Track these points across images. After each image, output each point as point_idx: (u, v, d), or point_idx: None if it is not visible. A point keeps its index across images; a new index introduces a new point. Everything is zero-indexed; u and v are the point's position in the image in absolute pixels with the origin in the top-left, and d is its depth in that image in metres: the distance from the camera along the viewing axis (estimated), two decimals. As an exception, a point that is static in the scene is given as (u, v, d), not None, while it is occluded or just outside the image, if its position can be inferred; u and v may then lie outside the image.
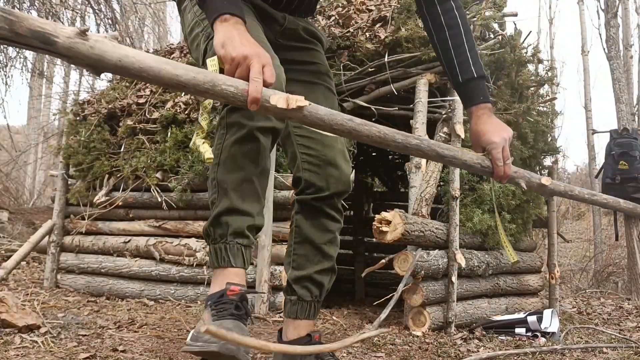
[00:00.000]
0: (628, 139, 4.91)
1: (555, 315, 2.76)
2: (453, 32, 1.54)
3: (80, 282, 3.72)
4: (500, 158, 1.40)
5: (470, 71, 1.52)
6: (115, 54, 0.97)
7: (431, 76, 2.93)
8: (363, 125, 1.17)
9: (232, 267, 1.30)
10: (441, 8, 1.55)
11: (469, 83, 1.52)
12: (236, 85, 1.07)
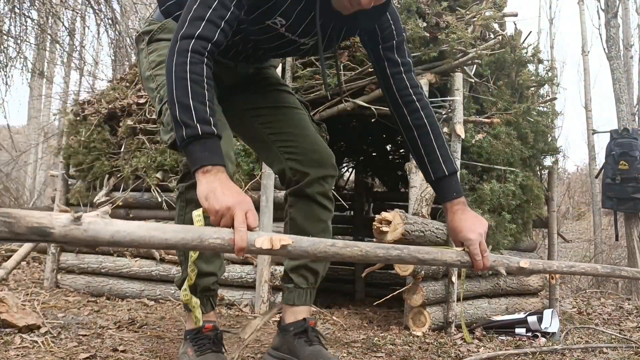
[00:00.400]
0: (628, 139, 4.91)
1: (555, 315, 2.76)
2: (421, 132, 1.61)
3: (81, 282, 3.72)
4: (478, 253, 1.47)
5: (442, 169, 1.60)
6: (108, 232, 1.04)
7: (431, 76, 2.93)
8: (345, 247, 1.28)
9: (204, 313, 1.58)
10: (407, 109, 1.62)
11: (441, 181, 1.61)
12: (222, 236, 1.15)
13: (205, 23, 1.32)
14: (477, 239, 1.49)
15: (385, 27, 1.60)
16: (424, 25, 2.95)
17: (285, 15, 1.48)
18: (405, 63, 1.64)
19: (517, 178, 3.09)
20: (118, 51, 7.30)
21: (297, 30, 1.54)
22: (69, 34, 7.32)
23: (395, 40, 1.62)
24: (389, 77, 1.63)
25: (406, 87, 1.63)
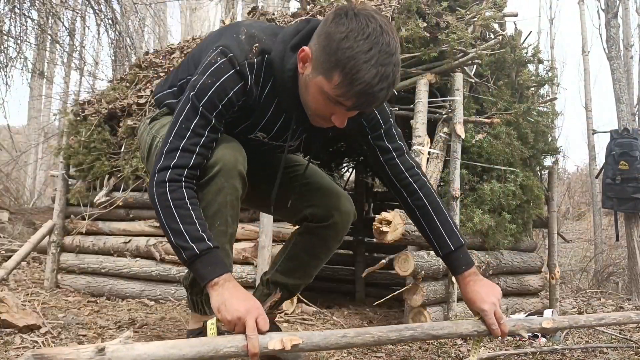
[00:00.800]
0: (628, 139, 4.91)
1: (555, 315, 2.76)
2: (422, 212, 1.67)
3: (81, 282, 3.71)
4: (494, 322, 1.52)
5: (448, 245, 1.64)
6: (130, 357, 1.11)
7: (431, 76, 2.93)
8: (357, 336, 1.35)
9: (207, 314, 1.64)
10: (406, 192, 1.68)
11: (450, 256, 1.65)
12: (236, 344, 1.24)
13: (180, 153, 1.42)
14: (492, 309, 1.53)
15: (371, 118, 1.63)
16: (424, 25, 2.95)
17: (265, 130, 1.60)
18: (396, 148, 1.68)
19: (517, 178, 3.09)
20: (118, 51, 7.29)
21: (280, 138, 1.66)
22: (69, 34, 7.32)
23: (382, 128, 1.66)
24: (383, 164, 1.69)
25: (401, 171, 1.67)
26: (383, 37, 1.31)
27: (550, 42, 13.30)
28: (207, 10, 19.08)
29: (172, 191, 1.40)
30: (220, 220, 1.51)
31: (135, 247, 3.51)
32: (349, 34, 1.30)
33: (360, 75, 1.29)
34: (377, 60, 1.29)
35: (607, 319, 1.54)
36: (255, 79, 1.50)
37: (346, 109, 1.39)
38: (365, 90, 1.31)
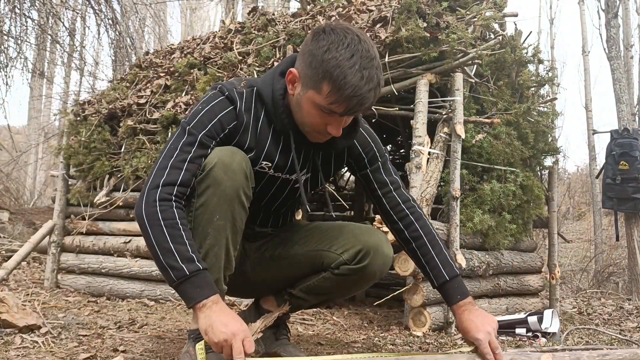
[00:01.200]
0: (628, 139, 4.91)
1: (555, 315, 2.76)
2: (418, 244, 1.71)
3: (81, 282, 3.72)
4: (489, 352, 1.51)
5: (443, 275, 1.66)
6: None
7: (432, 76, 2.93)
8: None
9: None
10: (402, 224, 1.73)
11: (445, 285, 1.67)
12: None
13: (169, 170, 1.46)
14: (486, 338, 1.53)
15: (368, 150, 1.73)
16: (424, 26, 2.95)
17: (268, 158, 1.62)
18: (393, 181, 1.75)
19: (517, 178, 3.09)
20: (118, 51, 7.30)
21: (284, 168, 1.65)
22: (69, 34, 7.32)
23: (379, 161, 1.75)
24: (381, 198, 1.75)
25: (398, 204, 1.73)
26: (361, 44, 1.41)
27: (550, 42, 13.32)
28: (207, 10, 19.09)
29: (163, 211, 1.43)
30: (220, 214, 1.49)
31: (135, 247, 3.51)
32: (330, 46, 1.40)
33: (347, 80, 1.38)
34: (360, 64, 1.39)
35: (611, 355, 1.48)
36: (246, 105, 1.57)
37: (339, 115, 1.46)
38: (354, 94, 1.39)
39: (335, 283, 1.73)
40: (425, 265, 1.70)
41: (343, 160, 1.76)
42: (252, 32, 3.74)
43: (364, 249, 1.66)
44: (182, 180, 1.46)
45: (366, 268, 1.67)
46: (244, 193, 1.52)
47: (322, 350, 2.10)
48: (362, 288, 1.85)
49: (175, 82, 3.74)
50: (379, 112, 3.08)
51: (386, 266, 1.73)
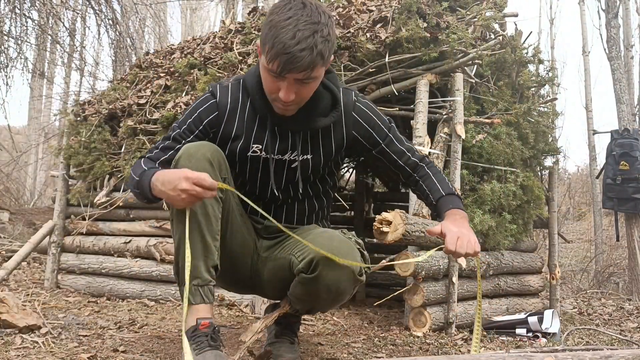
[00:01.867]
0: (629, 140, 4.91)
1: (556, 315, 2.76)
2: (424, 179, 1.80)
3: (81, 282, 3.72)
4: (453, 244, 1.53)
5: (439, 192, 1.73)
6: None
7: (432, 77, 2.93)
8: None
9: (191, 303, 1.55)
10: (418, 174, 1.81)
11: (440, 200, 1.72)
12: None
13: (147, 153, 1.74)
14: (457, 234, 1.55)
15: (373, 124, 1.76)
16: (425, 26, 2.95)
17: (258, 141, 1.71)
18: (409, 149, 1.81)
19: (517, 178, 3.09)
20: (118, 51, 7.30)
21: (274, 148, 1.70)
22: (70, 35, 7.32)
23: (389, 133, 1.78)
24: (402, 166, 1.80)
25: (416, 164, 1.80)
26: (304, 10, 1.48)
27: (550, 42, 13.30)
28: (207, 11, 19.09)
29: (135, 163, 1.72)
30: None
31: (135, 248, 3.51)
32: (274, 10, 1.51)
33: (278, 39, 1.45)
34: (294, 25, 1.45)
35: (614, 356, 1.46)
36: (231, 96, 1.71)
37: (276, 75, 1.50)
38: (283, 51, 1.44)
39: (302, 291, 1.65)
40: (426, 190, 1.76)
41: (343, 138, 1.75)
42: (252, 32, 3.74)
43: (315, 258, 1.55)
44: (151, 156, 1.71)
45: (318, 279, 1.56)
46: None
47: (322, 350, 2.10)
48: (327, 301, 1.67)
49: (175, 83, 3.74)
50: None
51: (342, 281, 1.57)
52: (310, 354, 2.00)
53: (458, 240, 1.54)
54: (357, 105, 1.75)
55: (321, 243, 1.55)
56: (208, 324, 1.54)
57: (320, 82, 1.64)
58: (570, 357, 1.37)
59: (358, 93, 1.79)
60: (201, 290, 1.55)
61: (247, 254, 1.79)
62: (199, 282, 1.55)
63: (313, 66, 1.48)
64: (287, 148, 1.71)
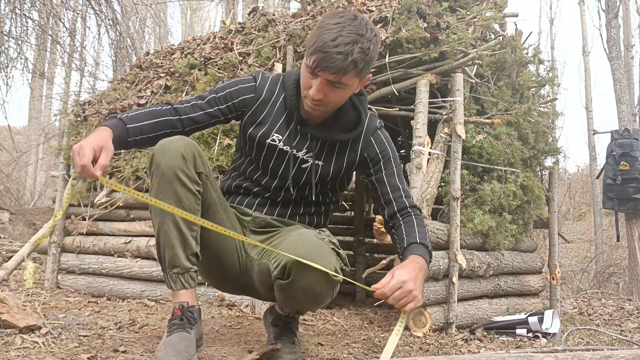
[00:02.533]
0: (629, 140, 4.91)
1: (556, 316, 2.76)
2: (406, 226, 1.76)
3: (81, 282, 3.72)
4: (389, 289, 1.51)
5: (415, 239, 1.71)
6: None
7: (432, 77, 2.93)
8: None
9: (172, 289, 1.69)
10: (403, 220, 1.78)
11: (409, 246, 1.70)
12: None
13: (177, 103, 1.79)
14: (398, 284, 1.50)
15: (385, 153, 1.82)
16: (425, 26, 2.95)
17: (280, 132, 1.78)
18: (405, 190, 1.82)
19: (517, 178, 3.09)
20: (119, 52, 7.30)
21: (293, 142, 1.77)
22: (70, 35, 7.33)
23: (394, 167, 1.82)
24: (391, 201, 1.79)
25: (405, 207, 1.79)
26: (354, 21, 1.54)
27: (550, 42, 13.31)
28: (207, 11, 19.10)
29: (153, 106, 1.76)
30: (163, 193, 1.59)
31: (135, 248, 3.51)
32: (327, 14, 1.59)
33: (320, 37, 1.52)
34: (339, 30, 1.52)
35: (614, 357, 1.44)
36: (268, 86, 1.81)
37: (310, 71, 1.57)
38: (321, 49, 1.52)
39: (283, 296, 1.65)
40: (404, 236, 1.73)
41: (356, 158, 1.81)
42: (252, 33, 3.74)
43: (288, 264, 1.52)
44: (177, 108, 1.75)
45: (293, 284, 1.54)
46: (185, 174, 1.60)
47: (322, 350, 2.10)
48: (307, 304, 1.69)
49: (175, 83, 3.74)
50: (380, 113, 3.08)
51: (316, 285, 1.55)
52: (311, 354, 2.00)
53: (395, 290, 1.50)
54: (377, 132, 1.82)
55: (293, 247, 1.53)
56: (179, 308, 1.67)
57: (350, 100, 1.73)
58: (571, 357, 1.37)
59: (382, 123, 1.86)
60: (181, 278, 1.66)
61: (233, 250, 1.80)
62: (178, 271, 1.65)
63: (345, 71, 1.54)
64: (303, 147, 1.78)
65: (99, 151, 1.46)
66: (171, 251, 1.63)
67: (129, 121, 1.65)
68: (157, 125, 1.70)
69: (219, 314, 2.90)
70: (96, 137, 1.49)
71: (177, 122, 1.74)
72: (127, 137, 1.64)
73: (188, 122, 1.75)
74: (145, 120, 1.69)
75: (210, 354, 1.87)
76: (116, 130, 1.59)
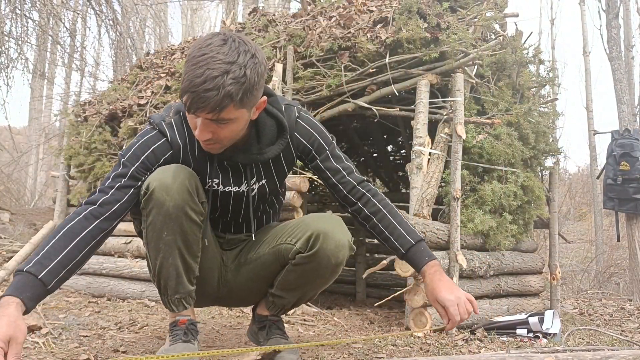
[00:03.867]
0: (629, 140, 4.90)
1: (556, 316, 2.75)
2: (379, 217, 1.75)
3: (82, 282, 3.72)
4: (457, 314, 1.58)
5: (408, 241, 1.71)
6: None
7: (432, 77, 2.93)
8: None
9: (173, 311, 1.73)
10: (361, 203, 1.76)
11: (412, 249, 1.70)
12: None
13: (97, 193, 1.57)
14: (456, 301, 1.59)
15: (312, 140, 1.74)
16: (425, 26, 2.95)
17: (214, 176, 1.68)
18: (345, 167, 1.77)
19: (518, 179, 3.09)
20: (119, 52, 7.30)
21: (230, 180, 1.70)
22: (70, 35, 7.33)
23: (327, 150, 1.76)
24: (336, 184, 1.76)
25: (354, 187, 1.76)
26: (222, 48, 1.40)
27: (551, 42, 13.30)
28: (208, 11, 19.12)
29: (68, 219, 1.52)
30: (167, 231, 1.57)
31: (136, 248, 3.51)
32: (195, 44, 1.45)
33: (188, 75, 1.40)
34: (206, 63, 1.38)
35: (614, 357, 1.44)
36: (178, 133, 1.63)
37: (189, 113, 1.46)
38: (189, 88, 1.39)
39: (297, 275, 1.72)
40: (389, 236, 1.73)
41: (292, 155, 1.77)
42: (252, 33, 3.74)
43: (313, 234, 1.63)
44: (102, 202, 1.53)
45: (318, 253, 1.64)
46: (191, 208, 1.57)
47: (322, 350, 2.10)
48: (324, 277, 1.75)
49: (175, 83, 3.74)
50: (380, 113, 3.08)
51: (340, 250, 1.67)
52: (311, 354, 2.00)
53: (459, 308, 1.58)
54: (298, 123, 1.73)
55: (314, 221, 1.67)
56: (186, 321, 1.72)
57: (264, 109, 1.62)
58: (571, 358, 1.37)
59: (301, 108, 1.77)
60: (183, 301, 1.70)
61: (215, 268, 1.83)
62: (181, 295, 1.69)
63: (221, 108, 1.40)
64: (241, 179, 1.72)
65: (6, 345, 1.24)
66: (174, 280, 1.64)
67: (40, 268, 1.40)
68: (79, 245, 1.47)
69: (219, 314, 2.90)
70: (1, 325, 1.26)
71: (104, 222, 1.52)
72: (46, 287, 1.40)
73: (120, 210, 1.56)
74: (62, 252, 1.44)
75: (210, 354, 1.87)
76: (27, 293, 1.36)
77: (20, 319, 1.30)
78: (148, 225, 1.58)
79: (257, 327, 1.93)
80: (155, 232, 1.57)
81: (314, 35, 3.27)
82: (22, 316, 1.32)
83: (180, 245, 1.59)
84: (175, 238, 1.57)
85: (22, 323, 1.30)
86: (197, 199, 1.59)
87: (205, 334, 2.29)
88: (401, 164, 5.14)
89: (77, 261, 1.47)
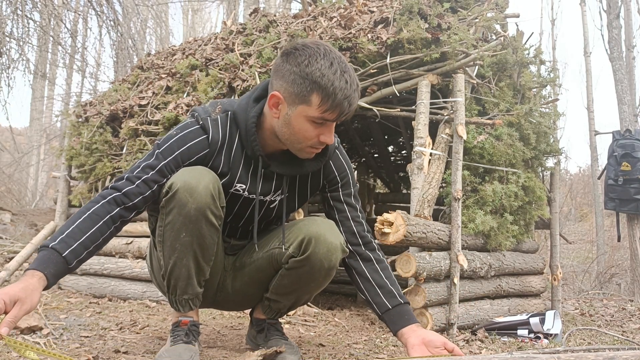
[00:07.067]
0: (630, 140, 4.90)
1: (557, 316, 2.75)
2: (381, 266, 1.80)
3: (83, 283, 3.72)
4: (455, 345, 1.60)
5: (401, 297, 1.75)
6: None
7: (433, 77, 2.93)
8: None
9: (179, 311, 1.74)
10: (363, 244, 1.81)
11: (403, 307, 1.73)
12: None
13: (124, 180, 1.58)
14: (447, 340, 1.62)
15: (344, 175, 1.82)
16: (426, 27, 2.95)
17: (242, 181, 1.70)
18: (361, 211, 1.85)
19: (519, 179, 3.08)
20: (120, 53, 7.31)
21: (258, 188, 1.71)
22: (71, 36, 7.34)
23: (352, 189, 1.84)
24: (349, 219, 1.81)
25: (364, 229, 1.82)
26: (333, 52, 1.52)
27: (552, 43, 13.30)
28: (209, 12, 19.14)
29: (93, 201, 1.55)
30: (186, 232, 1.58)
31: (137, 248, 3.51)
32: (310, 59, 1.49)
33: (336, 86, 1.47)
34: (340, 70, 1.49)
35: (617, 358, 1.44)
36: (222, 132, 1.66)
37: (332, 121, 1.54)
38: (344, 98, 1.48)
39: (291, 279, 1.75)
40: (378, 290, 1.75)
41: (319, 182, 1.81)
42: (253, 33, 3.74)
43: (305, 238, 1.66)
44: (127, 192, 1.56)
45: (310, 257, 1.66)
46: (212, 212, 1.59)
47: (323, 351, 2.10)
48: (318, 281, 1.75)
49: (176, 83, 3.75)
50: (381, 113, 3.08)
51: (332, 254, 1.67)
52: (312, 355, 2.00)
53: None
54: (335, 154, 1.80)
55: (305, 225, 1.69)
56: (188, 322, 1.73)
57: None
58: (572, 358, 1.36)
59: (339, 139, 1.83)
60: (190, 302, 1.72)
61: (217, 273, 1.84)
62: (189, 297, 1.70)
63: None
64: (270, 190, 1.74)
65: (10, 304, 1.27)
66: (185, 281, 1.66)
67: (64, 247, 1.44)
68: (102, 229, 1.51)
69: (220, 314, 2.90)
70: (15, 287, 1.31)
71: (125, 211, 1.56)
72: (69, 265, 1.45)
73: (142, 203, 1.58)
74: (85, 233, 1.48)
75: (211, 354, 1.87)
76: (51, 269, 1.40)
77: (38, 292, 1.34)
78: (166, 224, 1.59)
79: (255, 331, 1.95)
80: (174, 232, 1.59)
81: (314, 36, 3.27)
82: (41, 291, 1.37)
83: (196, 247, 1.61)
84: (192, 240, 1.59)
85: (37, 295, 1.34)
86: (218, 203, 1.60)
87: (206, 335, 2.29)
88: (402, 165, 5.14)
89: (97, 244, 1.51)
